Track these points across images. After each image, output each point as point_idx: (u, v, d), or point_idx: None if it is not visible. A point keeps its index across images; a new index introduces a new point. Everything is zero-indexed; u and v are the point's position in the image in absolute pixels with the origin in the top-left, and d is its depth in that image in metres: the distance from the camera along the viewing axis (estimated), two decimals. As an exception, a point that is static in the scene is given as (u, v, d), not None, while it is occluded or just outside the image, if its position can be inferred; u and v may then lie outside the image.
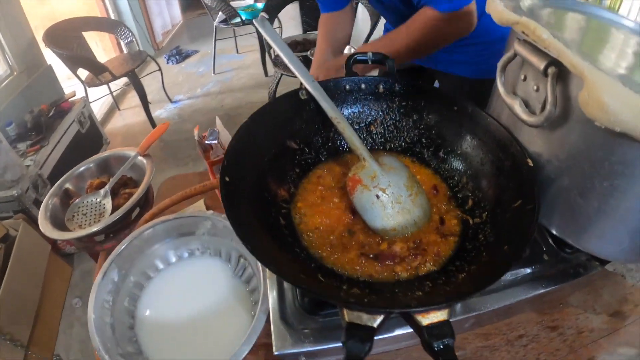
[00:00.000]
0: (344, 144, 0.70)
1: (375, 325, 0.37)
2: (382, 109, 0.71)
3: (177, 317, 0.67)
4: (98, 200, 0.97)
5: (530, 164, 0.54)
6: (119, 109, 3.47)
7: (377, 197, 0.57)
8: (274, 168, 0.62)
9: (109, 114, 3.40)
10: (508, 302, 0.59)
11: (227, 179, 0.50)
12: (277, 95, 2.64)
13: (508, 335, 0.66)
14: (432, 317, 0.38)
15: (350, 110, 0.71)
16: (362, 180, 0.58)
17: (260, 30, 0.70)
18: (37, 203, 1.98)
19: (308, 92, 0.65)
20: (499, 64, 0.57)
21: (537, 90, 0.52)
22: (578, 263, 0.65)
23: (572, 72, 0.43)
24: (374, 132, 0.71)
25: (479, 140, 0.63)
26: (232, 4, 3.45)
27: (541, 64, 0.48)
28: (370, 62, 0.74)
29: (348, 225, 0.58)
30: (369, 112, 0.71)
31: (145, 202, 0.98)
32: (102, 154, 1.07)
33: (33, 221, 1.94)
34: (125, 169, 0.98)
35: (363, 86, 0.70)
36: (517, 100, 0.55)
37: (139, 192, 0.89)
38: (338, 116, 0.61)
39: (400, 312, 0.39)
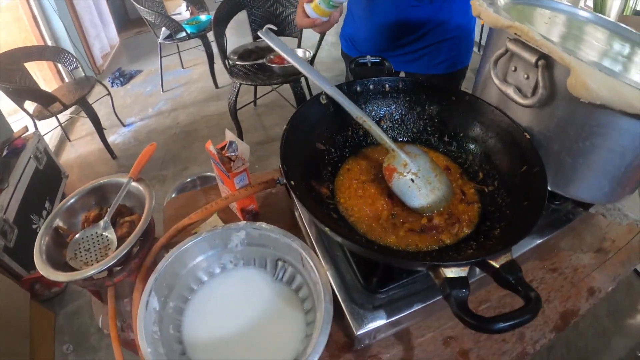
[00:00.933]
0: (362, 139, 0.80)
1: (466, 274, 0.48)
2: (389, 105, 0.81)
3: (227, 334, 0.66)
4: (99, 233, 0.92)
5: (527, 136, 0.67)
6: (70, 140, 3.35)
7: (412, 180, 0.67)
8: (312, 170, 0.70)
9: (60, 146, 3.28)
10: (518, 253, 0.73)
11: (292, 182, 0.58)
12: (238, 105, 2.69)
13: (522, 281, 0.78)
14: (501, 260, 0.48)
15: (364, 111, 0.80)
16: (396, 168, 0.68)
17: (267, 40, 0.75)
18: (8, 250, 1.90)
19: (328, 97, 0.72)
20: (492, 59, 0.69)
21: (528, 78, 0.65)
22: (567, 211, 0.81)
23: (561, 63, 0.56)
24: (384, 126, 0.81)
25: (478, 123, 0.75)
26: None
27: (532, 58, 0.61)
28: (369, 65, 0.84)
29: (390, 210, 0.67)
30: (378, 109, 0.81)
31: (147, 228, 0.93)
32: (90, 184, 0.99)
33: (6, 270, 1.88)
34: (121, 196, 0.93)
35: (371, 87, 0.79)
36: (510, 88, 0.68)
37: (144, 219, 0.86)
38: (363, 115, 0.70)
39: (480, 260, 0.49)
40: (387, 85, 0.80)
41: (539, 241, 0.75)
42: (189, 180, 2.29)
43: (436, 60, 1.21)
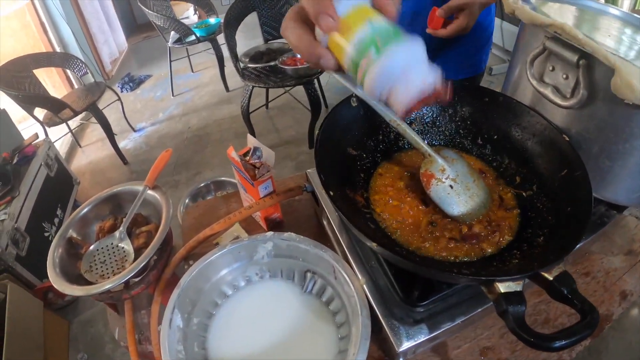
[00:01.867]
0: (393, 143, 0.76)
1: (521, 289, 0.45)
2: (419, 109, 0.78)
3: (254, 350, 0.63)
4: (115, 244, 0.89)
5: (567, 138, 0.63)
6: (80, 146, 3.37)
7: (451, 187, 0.64)
8: (346, 177, 0.67)
9: (71, 152, 3.30)
10: None
11: (331, 192, 0.56)
12: (250, 108, 2.67)
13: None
14: (554, 272, 0.46)
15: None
16: (434, 174, 0.64)
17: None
18: (20, 259, 1.90)
19: (359, 99, 0.69)
20: (528, 59, 0.67)
21: (566, 78, 0.63)
22: (600, 214, 0.78)
23: (605, 64, 0.53)
24: (415, 130, 0.77)
25: (514, 124, 0.71)
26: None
27: (574, 58, 0.58)
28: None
29: (428, 218, 0.64)
30: (407, 114, 0.78)
31: (165, 238, 0.91)
32: (104, 192, 0.97)
33: (18, 279, 1.87)
34: (137, 205, 0.90)
35: (400, 90, 0.76)
36: (548, 88, 0.65)
37: (162, 229, 0.83)
38: (397, 119, 0.65)
39: (535, 273, 0.47)
40: (416, 87, 0.77)
41: (578, 245, 0.73)
42: (202, 185, 2.27)
43: (460, 64, 1.18)
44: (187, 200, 2.16)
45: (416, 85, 0.45)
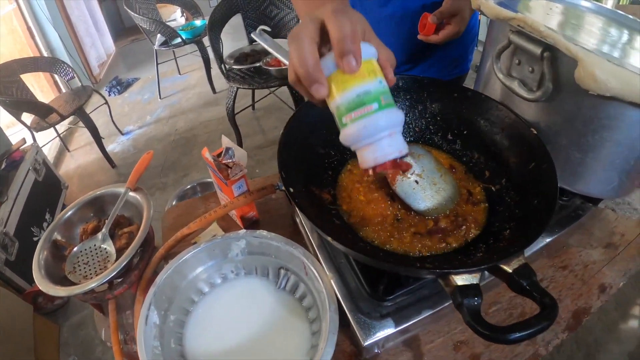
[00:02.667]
0: None
1: (478, 281, 0.45)
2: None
3: (230, 346, 0.64)
4: (97, 245, 0.91)
5: (534, 131, 0.64)
6: (69, 150, 3.36)
7: (416, 182, 0.64)
8: (312, 175, 0.68)
9: (59, 157, 3.29)
10: (527, 253, 0.70)
11: (291, 189, 0.56)
12: (236, 109, 2.67)
13: (532, 281, 0.76)
14: (513, 264, 0.46)
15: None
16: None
17: (261, 42, 0.71)
18: (9, 264, 1.90)
19: None
20: (494, 53, 0.67)
21: (532, 71, 0.63)
22: (575, 207, 0.79)
23: (568, 55, 0.53)
24: (387, 126, 0.79)
25: (483, 119, 0.72)
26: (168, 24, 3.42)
27: (537, 50, 0.58)
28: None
29: (394, 213, 0.65)
30: (377, 110, 0.78)
31: (146, 238, 0.92)
32: (87, 195, 0.98)
33: (8, 284, 1.88)
34: (119, 207, 0.92)
35: (371, 86, 0.77)
36: (515, 82, 0.65)
37: (142, 230, 0.84)
38: None
39: (492, 265, 0.47)
40: (386, 85, 0.77)
41: (548, 239, 0.73)
42: (189, 187, 2.29)
43: (447, 66, 1.18)
44: (173, 202, 2.16)
45: (393, 149, 0.49)
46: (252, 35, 0.69)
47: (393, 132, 0.49)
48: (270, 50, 0.70)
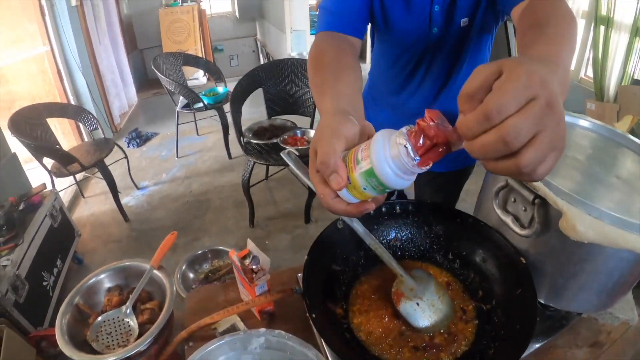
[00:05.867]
0: (375, 258, 0.82)
1: None
2: (399, 226, 0.90)
3: None
4: (121, 318, 0.97)
5: (523, 261, 0.74)
6: (84, 197, 3.43)
7: (418, 304, 0.75)
8: (327, 291, 0.78)
9: (74, 202, 3.36)
10: None
11: (314, 315, 0.66)
12: (251, 181, 2.71)
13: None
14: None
15: (376, 233, 0.88)
16: (404, 293, 0.76)
17: (288, 162, 0.75)
18: (18, 306, 1.94)
19: (344, 222, 0.79)
20: (494, 190, 0.78)
21: (525, 210, 0.74)
22: (561, 316, 0.87)
23: (554, 207, 0.64)
24: (395, 245, 0.90)
25: (479, 244, 0.83)
26: (188, 82, 3.53)
27: (530, 197, 0.69)
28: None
29: (399, 328, 0.75)
30: (389, 230, 0.90)
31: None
32: (112, 265, 1.05)
33: (15, 325, 1.90)
34: (142, 284, 0.99)
35: (384, 209, 0.89)
36: (509, 217, 0.76)
37: (166, 310, 0.91)
38: (375, 243, 0.76)
39: None
40: (397, 208, 0.89)
41: (536, 346, 0.82)
42: (200, 252, 2.34)
43: (449, 157, 1.22)
44: (184, 267, 2.23)
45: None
46: (281, 154, 0.76)
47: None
48: (295, 170, 0.75)
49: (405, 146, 0.46)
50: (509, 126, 0.35)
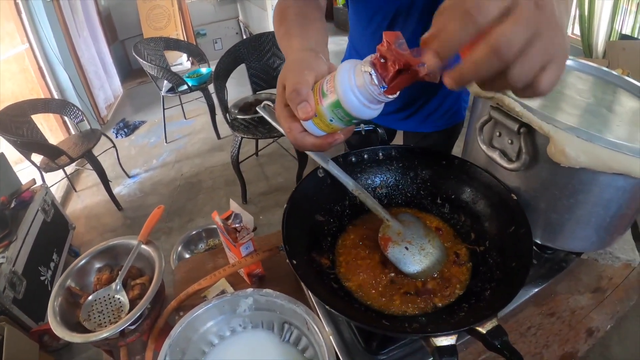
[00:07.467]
0: (360, 207, 0.82)
1: (455, 342, 0.51)
2: (384, 172, 0.86)
3: None
4: (111, 295, 0.96)
5: (514, 197, 0.71)
6: (76, 191, 3.42)
7: (406, 248, 0.71)
8: (312, 242, 0.75)
9: (66, 196, 3.34)
10: (516, 304, 0.78)
11: (294, 261, 0.62)
12: (240, 157, 2.71)
13: (520, 329, 0.80)
14: (487, 326, 0.52)
15: (360, 181, 0.85)
16: (391, 238, 0.72)
17: (265, 115, 0.76)
18: (17, 302, 1.94)
19: (325, 170, 0.75)
20: (477, 125, 0.75)
21: (512, 143, 0.70)
22: (560, 259, 0.85)
23: (540, 132, 0.61)
24: (381, 192, 0.86)
25: (468, 185, 0.79)
26: (172, 69, 3.52)
27: (514, 126, 0.66)
28: (363, 133, 0.89)
29: (387, 276, 0.71)
30: (373, 177, 0.86)
31: (157, 289, 0.96)
32: (101, 245, 1.03)
33: (15, 322, 1.91)
34: (131, 260, 0.97)
35: (366, 156, 0.85)
36: (496, 152, 0.73)
37: (155, 283, 0.89)
38: (358, 189, 0.73)
39: (467, 328, 0.52)
40: (380, 154, 0.85)
41: (535, 290, 0.80)
42: (194, 232, 2.34)
43: (435, 115, 1.20)
44: (179, 248, 2.22)
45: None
46: (257, 108, 0.76)
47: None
48: (273, 123, 0.75)
49: (370, 74, 0.45)
50: (498, 35, 0.34)
